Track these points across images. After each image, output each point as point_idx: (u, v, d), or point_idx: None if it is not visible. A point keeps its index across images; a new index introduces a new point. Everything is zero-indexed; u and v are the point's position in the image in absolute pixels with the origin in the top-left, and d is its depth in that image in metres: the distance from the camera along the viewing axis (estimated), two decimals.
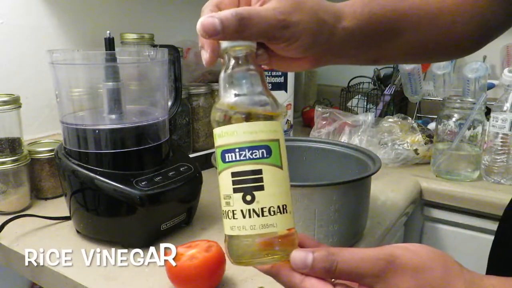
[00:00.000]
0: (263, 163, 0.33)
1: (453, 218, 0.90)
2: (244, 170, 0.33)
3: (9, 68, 0.86)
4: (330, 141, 0.75)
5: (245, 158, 0.33)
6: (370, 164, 0.65)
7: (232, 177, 0.34)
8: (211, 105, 1.07)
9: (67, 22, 0.94)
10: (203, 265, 0.50)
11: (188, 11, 1.24)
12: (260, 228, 0.33)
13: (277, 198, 0.34)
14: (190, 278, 0.50)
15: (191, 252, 0.52)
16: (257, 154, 0.33)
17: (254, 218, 0.33)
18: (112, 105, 0.63)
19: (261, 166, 0.33)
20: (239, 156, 0.33)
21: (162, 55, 0.66)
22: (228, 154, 0.34)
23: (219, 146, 0.34)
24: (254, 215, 0.33)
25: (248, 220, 0.33)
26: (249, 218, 0.33)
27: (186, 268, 0.50)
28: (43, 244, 0.63)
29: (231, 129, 0.34)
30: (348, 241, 0.61)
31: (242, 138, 0.33)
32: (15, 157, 0.71)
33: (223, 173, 0.34)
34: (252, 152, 0.33)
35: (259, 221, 0.33)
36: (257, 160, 0.33)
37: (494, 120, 0.87)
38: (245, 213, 0.33)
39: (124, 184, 0.59)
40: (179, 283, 0.51)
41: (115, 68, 0.62)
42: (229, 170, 0.34)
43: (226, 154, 0.34)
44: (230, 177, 0.34)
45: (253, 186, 0.33)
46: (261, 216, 0.33)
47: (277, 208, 0.33)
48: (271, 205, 0.33)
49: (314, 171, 0.75)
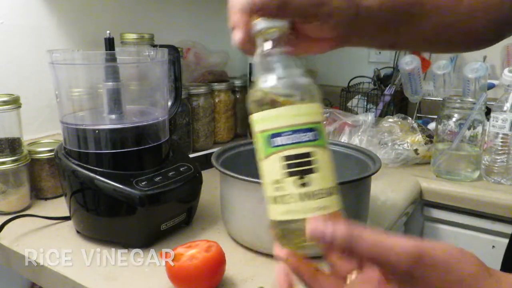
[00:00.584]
0: (313, 146, 0.33)
1: (453, 218, 0.90)
2: (296, 153, 0.33)
3: (9, 68, 0.86)
4: (330, 141, 0.75)
5: (297, 141, 0.33)
6: (370, 164, 0.65)
7: (283, 161, 0.33)
8: (211, 105, 1.07)
9: (67, 22, 0.94)
10: (203, 265, 0.50)
11: (188, 11, 1.24)
12: (314, 211, 0.33)
13: (327, 180, 0.34)
14: (190, 278, 0.50)
15: (191, 252, 0.52)
16: (307, 136, 0.33)
17: (308, 201, 0.33)
18: (112, 105, 0.63)
19: (312, 148, 0.33)
20: (290, 140, 0.33)
21: (162, 55, 0.66)
22: (277, 138, 0.33)
23: (264, 131, 0.34)
24: (308, 199, 0.33)
25: (302, 203, 0.33)
26: (303, 201, 0.33)
27: (186, 268, 0.50)
28: (43, 244, 0.63)
29: (278, 112, 0.33)
30: None
31: (291, 121, 0.33)
32: (15, 157, 0.71)
33: (271, 158, 0.33)
34: (302, 135, 0.33)
35: (313, 204, 0.33)
36: (308, 143, 0.33)
37: (494, 120, 0.87)
38: (299, 197, 0.33)
39: (124, 184, 0.59)
40: (179, 283, 0.51)
41: (115, 68, 0.62)
42: (279, 154, 0.33)
43: (274, 138, 0.33)
44: (281, 161, 0.33)
45: (306, 169, 0.33)
46: (315, 199, 0.33)
47: (328, 190, 0.34)
48: (323, 187, 0.33)
49: None
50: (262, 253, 0.60)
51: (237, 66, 1.38)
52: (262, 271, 0.56)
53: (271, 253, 0.58)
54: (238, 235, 0.62)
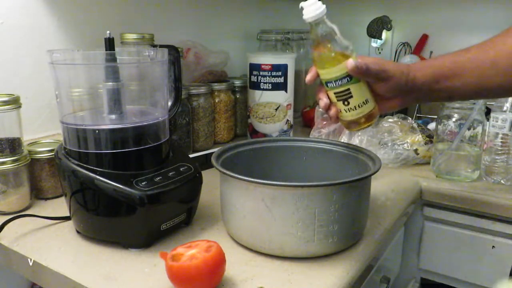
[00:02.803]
0: (349, 84, 0.61)
1: (453, 218, 0.90)
2: (340, 90, 0.61)
3: (9, 68, 0.86)
4: (330, 141, 0.75)
5: (339, 84, 0.61)
6: (370, 164, 0.65)
7: (335, 95, 0.62)
8: (211, 105, 1.07)
9: (67, 22, 0.94)
10: (203, 265, 0.50)
11: (188, 11, 1.24)
12: (356, 115, 0.63)
13: (360, 99, 0.62)
14: (190, 278, 0.50)
15: (191, 252, 0.52)
16: (345, 80, 0.60)
17: (352, 112, 0.62)
18: (112, 105, 0.63)
19: (348, 86, 0.61)
20: (336, 84, 0.61)
21: (162, 55, 0.66)
22: (329, 83, 0.61)
23: (323, 79, 0.62)
24: (351, 110, 0.62)
25: (348, 113, 0.63)
26: (349, 112, 0.63)
27: (186, 268, 0.50)
28: (43, 244, 0.63)
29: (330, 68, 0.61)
30: (348, 241, 0.61)
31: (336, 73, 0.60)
32: (15, 157, 0.71)
33: (330, 93, 0.63)
34: (342, 80, 0.61)
35: (355, 112, 0.62)
36: (345, 84, 0.61)
37: (494, 120, 0.87)
38: (346, 110, 0.63)
39: (124, 184, 0.59)
40: (179, 283, 0.51)
41: (115, 68, 0.62)
42: (332, 91, 0.62)
43: (328, 83, 0.62)
44: (334, 95, 0.62)
45: (347, 97, 0.61)
46: (354, 110, 0.62)
47: (362, 103, 0.62)
48: (358, 103, 0.62)
49: (314, 171, 0.75)
50: (262, 253, 0.60)
51: (237, 66, 1.38)
52: (262, 271, 0.56)
53: (271, 253, 0.59)
54: (238, 235, 0.62)
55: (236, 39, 1.43)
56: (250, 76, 1.07)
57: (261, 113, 1.07)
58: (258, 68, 1.04)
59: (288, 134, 1.11)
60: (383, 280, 0.81)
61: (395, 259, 0.94)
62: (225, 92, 1.13)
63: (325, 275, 0.56)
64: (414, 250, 0.98)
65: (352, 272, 0.57)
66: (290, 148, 0.76)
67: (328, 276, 0.55)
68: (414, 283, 1.01)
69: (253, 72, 1.06)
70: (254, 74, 1.05)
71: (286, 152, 0.76)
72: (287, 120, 1.09)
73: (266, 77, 1.04)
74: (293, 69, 1.07)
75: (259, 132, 1.10)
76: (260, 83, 1.05)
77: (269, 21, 1.57)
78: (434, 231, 0.94)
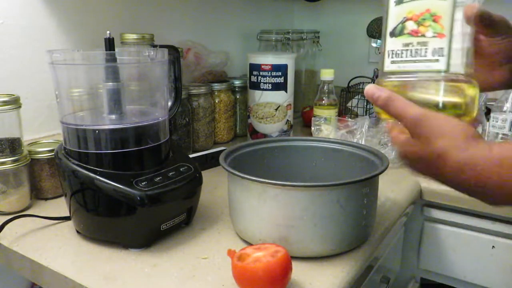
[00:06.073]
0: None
1: (453, 218, 0.90)
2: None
3: (9, 68, 0.86)
4: (333, 140, 0.75)
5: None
6: (377, 163, 0.64)
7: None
8: (211, 105, 1.08)
9: (67, 22, 0.94)
10: (264, 269, 0.49)
11: (188, 11, 1.24)
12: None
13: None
14: (251, 281, 0.50)
15: (257, 254, 0.52)
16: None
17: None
18: (112, 105, 0.63)
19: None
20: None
21: (162, 55, 0.66)
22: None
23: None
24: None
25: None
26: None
27: (248, 270, 0.50)
28: (43, 244, 0.63)
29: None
30: (352, 244, 0.61)
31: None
32: (15, 157, 0.71)
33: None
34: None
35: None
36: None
37: (494, 120, 0.87)
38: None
39: (124, 184, 0.59)
40: (241, 283, 0.52)
41: (115, 68, 0.62)
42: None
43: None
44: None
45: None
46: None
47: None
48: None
49: (315, 171, 0.75)
50: None
51: (237, 66, 1.38)
52: None
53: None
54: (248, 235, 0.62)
55: (236, 39, 1.43)
56: (250, 76, 1.07)
57: (261, 113, 1.07)
58: (258, 68, 1.04)
59: (288, 134, 1.11)
60: (383, 280, 0.81)
61: (395, 259, 0.94)
62: (225, 92, 1.13)
63: (325, 275, 0.56)
64: (414, 250, 0.98)
65: (352, 272, 0.57)
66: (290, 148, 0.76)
67: (328, 276, 0.55)
68: (414, 283, 1.01)
69: (253, 72, 1.06)
70: (254, 74, 1.05)
71: (299, 151, 0.76)
72: (287, 120, 1.09)
73: (266, 77, 1.04)
74: (293, 69, 1.07)
75: (259, 132, 1.10)
76: (260, 83, 1.05)
77: (269, 21, 1.57)
78: (434, 231, 0.93)
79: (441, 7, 0.42)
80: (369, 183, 0.60)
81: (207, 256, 0.60)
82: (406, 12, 0.44)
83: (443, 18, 0.42)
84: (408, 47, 0.45)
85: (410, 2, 0.44)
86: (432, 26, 0.43)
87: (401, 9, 0.45)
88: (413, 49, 0.44)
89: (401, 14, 0.45)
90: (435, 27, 0.43)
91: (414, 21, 0.44)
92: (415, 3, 0.44)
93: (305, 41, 1.42)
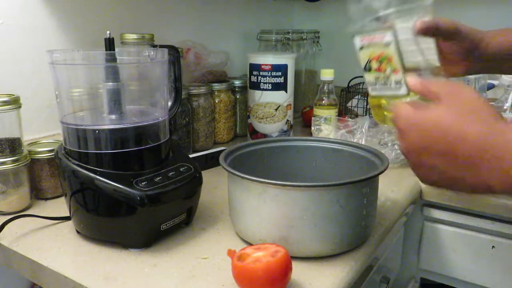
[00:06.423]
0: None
1: (453, 218, 0.90)
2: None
3: (9, 68, 0.86)
4: (333, 140, 0.75)
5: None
6: (377, 163, 0.64)
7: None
8: (211, 105, 1.08)
9: (67, 22, 0.94)
10: (264, 270, 0.49)
11: (188, 11, 1.24)
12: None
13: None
14: (251, 281, 0.50)
15: (257, 254, 0.52)
16: None
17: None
18: (112, 105, 0.63)
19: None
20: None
21: (162, 55, 0.66)
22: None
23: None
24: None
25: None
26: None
27: (247, 270, 0.50)
28: (43, 244, 0.63)
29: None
30: (352, 244, 0.61)
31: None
32: (15, 157, 0.71)
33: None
34: None
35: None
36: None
37: None
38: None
39: (124, 184, 0.59)
40: (240, 283, 0.52)
41: (115, 68, 0.62)
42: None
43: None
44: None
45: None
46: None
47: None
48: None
49: (315, 171, 0.75)
50: None
51: (237, 66, 1.38)
52: None
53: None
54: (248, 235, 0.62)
55: (236, 39, 1.43)
56: (250, 76, 1.07)
57: (261, 113, 1.07)
58: (258, 68, 1.04)
59: (288, 134, 1.11)
60: (383, 280, 0.81)
61: (395, 259, 0.94)
62: (225, 92, 1.13)
63: (325, 275, 0.56)
64: (414, 250, 0.98)
65: (352, 272, 0.57)
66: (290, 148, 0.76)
67: (328, 276, 0.55)
68: (414, 283, 1.01)
69: (253, 72, 1.06)
70: (254, 74, 1.05)
71: (299, 151, 0.76)
72: (287, 120, 1.09)
73: (266, 77, 1.04)
74: (293, 69, 1.07)
75: (259, 132, 1.10)
76: (260, 83, 1.05)
77: (269, 21, 1.57)
78: (434, 231, 0.93)
79: (389, 52, 0.54)
80: (369, 183, 0.60)
81: (207, 256, 0.60)
82: (368, 55, 0.56)
83: (393, 59, 0.53)
84: (378, 80, 0.56)
85: (368, 48, 0.56)
86: (389, 64, 0.54)
87: (364, 52, 0.57)
88: (381, 81, 0.56)
89: (366, 55, 0.57)
90: (391, 65, 0.54)
91: (376, 61, 0.56)
92: (371, 49, 0.55)
93: (305, 41, 1.42)
